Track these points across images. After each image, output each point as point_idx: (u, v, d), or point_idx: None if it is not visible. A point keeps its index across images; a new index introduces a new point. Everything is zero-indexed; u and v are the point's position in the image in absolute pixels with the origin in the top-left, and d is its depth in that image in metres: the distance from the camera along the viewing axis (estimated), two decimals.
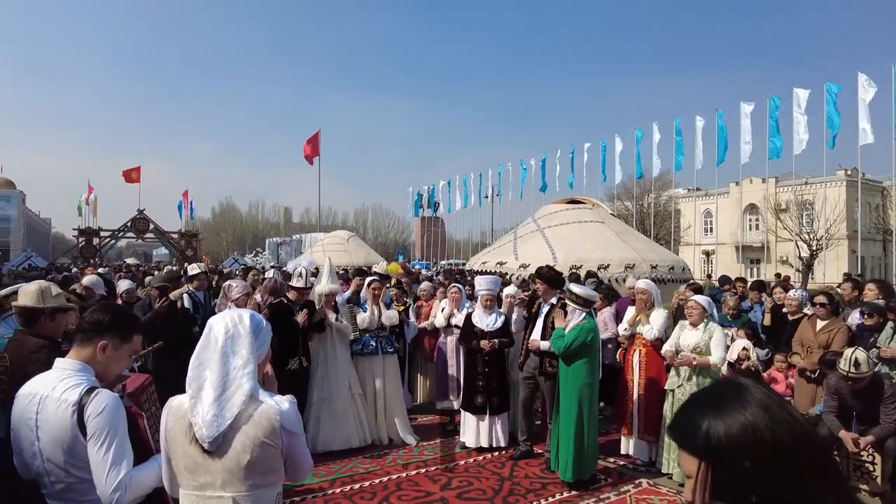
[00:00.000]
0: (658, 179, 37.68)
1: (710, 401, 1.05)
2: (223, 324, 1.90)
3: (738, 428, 0.98)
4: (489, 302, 6.12)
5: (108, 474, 2.03)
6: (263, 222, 76.26)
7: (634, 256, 11.25)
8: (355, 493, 4.92)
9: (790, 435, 0.99)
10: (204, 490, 1.81)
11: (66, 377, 2.16)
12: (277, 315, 5.72)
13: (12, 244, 56.43)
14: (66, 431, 2.10)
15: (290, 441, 1.89)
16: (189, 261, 29.62)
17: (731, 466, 0.98)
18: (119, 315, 2.34)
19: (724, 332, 5.52)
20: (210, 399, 1.79)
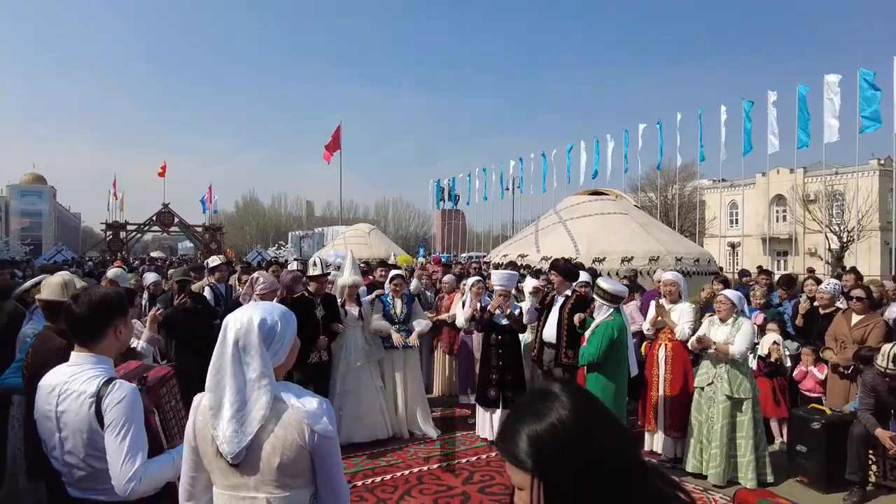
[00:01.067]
0: (682, 170, 37.05)
1: (524, 411, 1.07)
2: (234, 329, 1.78)
3: (549, 427, 1.01)
4: (504, 298, 6.04)
5: (122, 464, 2.07)
6: (286, 216, 76.94)
7: (659, 248, 11.07)
8: (377, 487, 4.91)
9: (602, 424, 1.05)
10: (237, 490, 1.76)
11: (84, 370, 2.21)
12: (298, 309, 5.72)
13: (44, 238, 57.82)
14: (85, 423, 2.15)
15: (323, 446, 1.76)
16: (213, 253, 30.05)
17: (556, 469, 1.00)
18: (112, 297, 2.36)
19: (753, 325, 5.33)
20: (229, 414, 1.72)
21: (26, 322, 4.13)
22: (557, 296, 5.81)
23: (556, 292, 5.83)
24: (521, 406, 1.10)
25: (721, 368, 5.05)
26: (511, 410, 1.12)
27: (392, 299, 6.37)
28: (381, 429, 5.99)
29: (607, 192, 14.74)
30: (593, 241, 11.18)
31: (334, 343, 5.97)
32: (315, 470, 1.79)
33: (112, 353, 2.35)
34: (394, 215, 74.75)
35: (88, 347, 2.27)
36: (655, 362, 5.83)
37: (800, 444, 5.14)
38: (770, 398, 6.06)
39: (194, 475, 1.88)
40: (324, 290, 6.04)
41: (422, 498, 4.69)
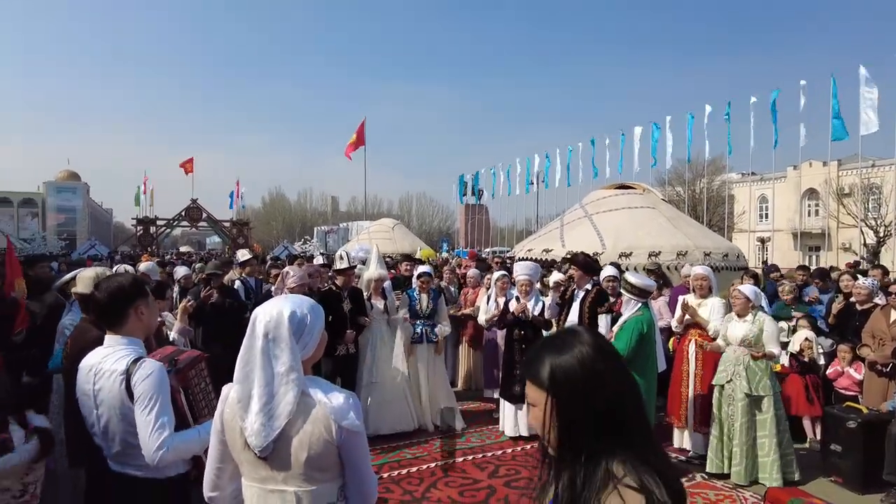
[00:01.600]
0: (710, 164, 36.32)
1: (551, 343, 1.26)
2: (263, 322, 1.78)
3: (572, 360, 1.19)
4: (525, 287, 6.04)
5: (151, 434, 2.21)
6: (311, 211, 77.65)
7: (687, 243, 10.86)
8: (403, 479, 4.95)
9: (614, 369, 1.21)
10: (265, 483, 1.78)
11: (115, 350, 2.39)
12: (326, 303, 5.79)
13: (78, 233, 59.33)
14: (117, 399, 2.31)
15: (350, 440, 1.77)
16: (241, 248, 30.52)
17: (570, 398, 1.18)
18: (127, 284, 2.51)
19: (775, 322, 5.20)
20: (257, 408, 1.73)
21: (66, 313, 4.27)
22: (578, 290, 5.78)
23: (577, 286, 5.79)
24: (549, 337, 1.30)
25: (740, 366, 4.94)
26: (538, 345, 1.29)
27: (418, 295, 6.41)
28: (406, 421, 6.04)
29: (634, 186, 14.55)
30: (620, 235, 11.01)
31: (361, 336, 6.03)
32: (343, 463, 1.80)
33: (139, 334, 2.51)
34: (417, 210, 74.94)
35: (116, 331, 2.44)
36: (685, 358, 5.75)
37: (834, 443, 5.02)
38: (802, 396, 5.93)
39: (221, 466, 1.91)
40: (350, 283, 6.10)
41: (447, 491, 4.71)
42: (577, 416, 1.17)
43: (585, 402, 1.16)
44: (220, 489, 1.93)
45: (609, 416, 1.16)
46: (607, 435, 1.16)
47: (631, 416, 1.19)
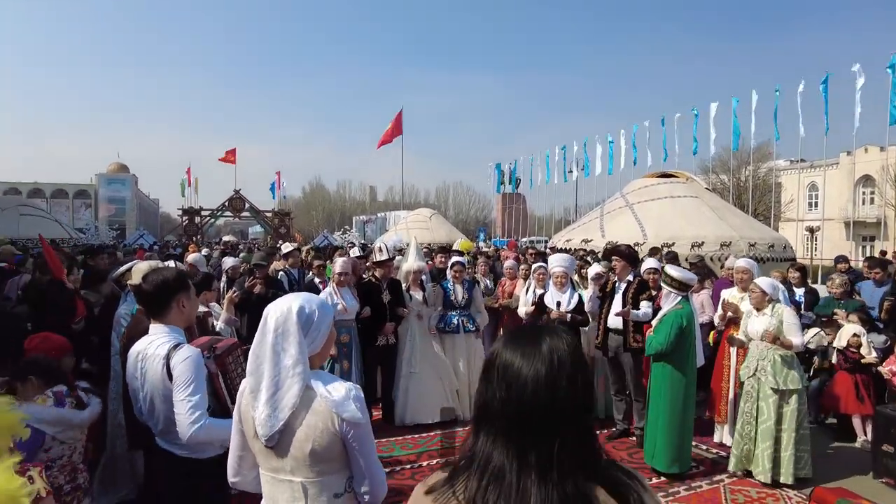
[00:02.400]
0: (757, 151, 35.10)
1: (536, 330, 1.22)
2: (274, 317, 1.84)
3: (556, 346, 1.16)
4: (561, 280, 5.99)
5: (186, 412, 2.42)
6: (350, 201, 78.61)
7: (731, 234, 10.62)
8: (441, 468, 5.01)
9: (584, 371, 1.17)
10: (276, 473, 1.86)
11: (158, 337, 2.63)
12: (366, 294, 5.91)
13: (128, 223, 61.64)
14: (160, 380, 2.54)
15: (352, 431, 1.81)
16: (283, 238, 31.14)
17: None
18: (170, 278, 2.74)
19: (794, 312, 5.03)
20: (264, 398, 1.80)
21: (122, 302, 4.48)
22: (619, 281, 5.72)
23: (618, 278, 5.74)
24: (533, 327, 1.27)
25: (764, 360, 4.80)
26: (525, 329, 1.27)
27: (453, 286, 6.45)
28: (445, 410, 6.10)
29: (677, 175, 14.24)
30: (662, 225, 10.83)
31: (400, 326, 6.12)
32: (348, 455, 1.85)
33: (180, 324, 2.75)
34: (454, 199, 74.97)
35: (160, 319, 2.69)
36: (727, 353, 5.66)
37: (886, 443, 4.85)
38: (852, 393, 5.76)
39: (241, 454, 2.01)
40: (389, 274, 6.19)
41: None
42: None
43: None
44: (242, 475, 2.04)
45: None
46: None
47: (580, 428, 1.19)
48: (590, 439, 1.14)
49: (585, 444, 1.12)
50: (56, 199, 62.87)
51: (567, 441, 1.08)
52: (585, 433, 1.13)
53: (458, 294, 6.39)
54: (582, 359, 1.17)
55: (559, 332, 1.18)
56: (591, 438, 1.14)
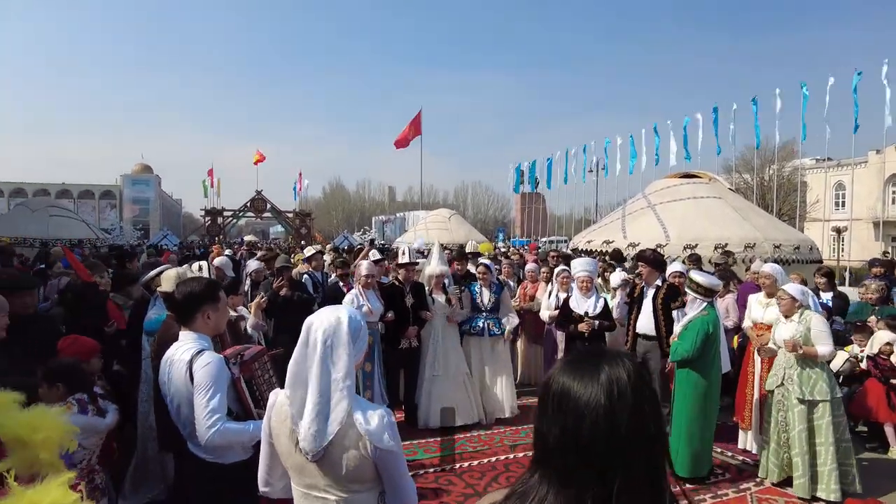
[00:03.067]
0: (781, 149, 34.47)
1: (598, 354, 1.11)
2: (322, 328, 1.83)
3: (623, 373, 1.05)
4: (586, 284, 5.96)
5: (204, 416, 2.48)
6: (369, 201, 79.01)
7: (755, 235, 10.45)
8: (465, 472, 5.05)
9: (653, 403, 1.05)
10: (310, 490, 1.87)
11: (185, 343, 2.72)
12: (390, 297, 5.95)
13: (151, 224, 62.64)
14: (183, 385, 2.61)
15: (385, 458, 1.82)
16: (303, 238, 31.40)
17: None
18: (198, 291, 2.80)
19: (824, 319, 4.88)
20: (312, 414, 1.78)
21: (151, 306, 4.57)
22: (647, 287, 5.69)
23: (646, 283, 5.71)
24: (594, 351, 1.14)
25: (791, 369, 4.67)
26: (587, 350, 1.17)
27: (480, 288, 6.45)
28: (468, 414, 6.13)
29: (699, 175, 14.05)
30: (685, 226, 10.69)
31: (423, 330, 6.15)
32: (380, 475, 1.87)
33: (207, 333, 2.82)
34: (473, 199, 74.93)
35: (188, 327, 2.78)
36: (751, 359, 5.59)
37: None
38: (883, 402, 5.64)
39: (270, 465, 2.03)
40: (412, 278, 6.22)
41: (509, 486, 4.75)
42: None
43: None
44: (272, 485, 2.06)
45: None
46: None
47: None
48: (656, 480, 1.02)
49: (650, 485, 1.01)
50: (83, 199, 64.13)
51: (630, 481, 0.98)
52: (651, 473, 1.01)
53: (484, 297, 6.39)
54: (647, 389, 1.05)
55: (621, 359, 1.07)
56: (657, 479, 1.02)
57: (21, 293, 3.91)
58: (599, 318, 5.82)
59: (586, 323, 5.74)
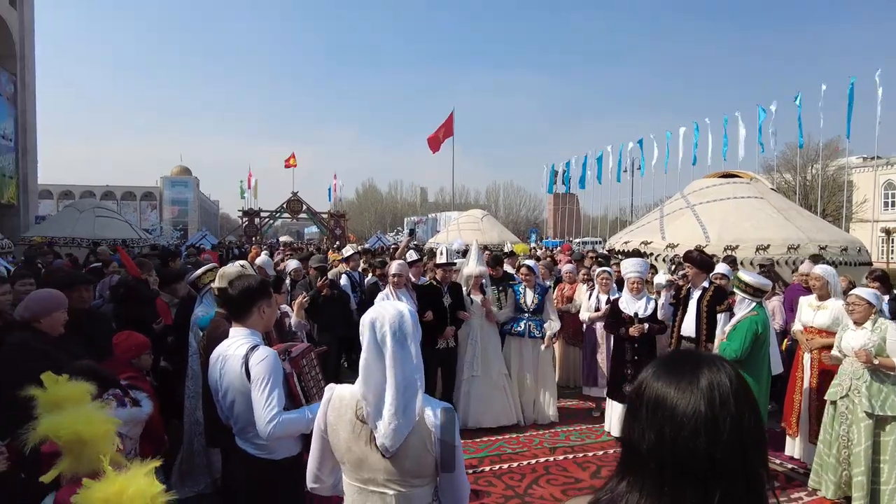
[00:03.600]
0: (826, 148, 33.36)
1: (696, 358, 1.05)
2: (388, 322, 1.84)
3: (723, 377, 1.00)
4: (636, 285, 5.86)
5: (263, 410, 2.51)
6: (402, 202, 79.48)
7: (799, 236, 10.13)
8: (504, 473, 5.02)
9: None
10: (367, 484, 1.88)
11: (238, 339, 2.75)
12: (427, 297, 5.96)
13: (190, 224, 64.30)
14: (239, 380, 2.63)
15: (446, 452, 1.84)
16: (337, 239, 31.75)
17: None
18: (254, 286, 2.86)
19: None
20: (392, 409, 1.78)
21: (198, 304, 4.68)
22: (693, 289, 5.56)
23: (692, 285, 5.58)
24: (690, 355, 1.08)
25: (860, 381, 4.36)
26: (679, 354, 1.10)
27: (524, 289, 6.40)
28: (506, 415, 6.10)
29: (740, 175, 13.71)
30: (725, 227, 10.43)
31: (461, 330, 6.15)
32: (438, 471, 1.87)
33: (260, 328, 2.85)
34: (504, 200, 74.65)
35: (241, 323, 2.80)
36: (800, 364, 5.41)
37: None
38: None
39: (321, 460, 2.04)
40: (450, 279, 6.22)
41: (550, 488, 4.73)
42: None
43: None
44: (321, 482, 2.07)
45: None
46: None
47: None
48: (758, 490, 0.97)
49: (752, 495, 0.95)
50: (125, 200, 66.20)
51: (731, 491, 0.92)
52: (753, 482, 0.96)
53: (528, 298, 6.34)
54: (749, 396, 1.00)
55: (720, 364, 1.01)
56: (759, 489, 0.97)
57: (78, 288, 4.05)
58: (649, 320, 5.73)
59: (636, 327, 5.66)
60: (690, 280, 5.60)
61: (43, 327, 3.37)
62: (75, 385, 2.04)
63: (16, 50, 23.25)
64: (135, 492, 1.39)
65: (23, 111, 23.92)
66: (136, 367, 3.96)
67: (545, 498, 4.56)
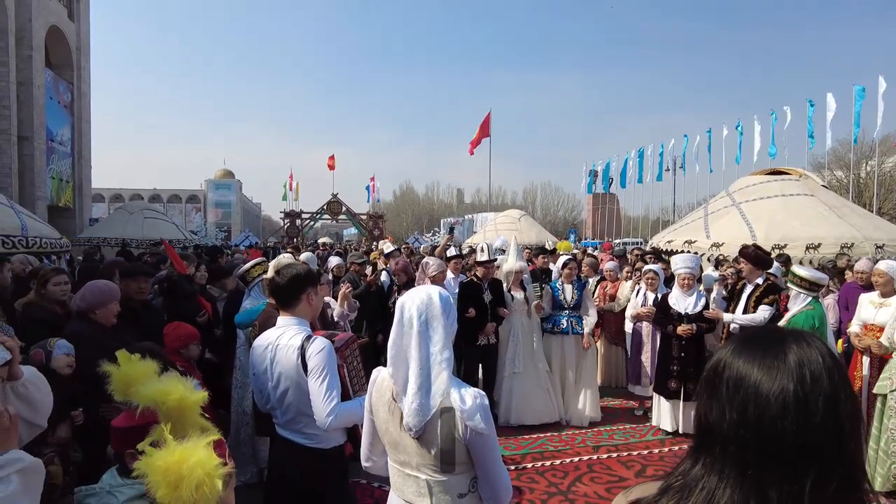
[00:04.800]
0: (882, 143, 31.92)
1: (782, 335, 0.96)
2: (415, 305, 1.88)
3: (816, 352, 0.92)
4: (687, 282, 5.76)
5: (323, 401, 2.51)
6: (438, 203, 79.73)
7: (853, 234, 9.70)
8: (547, 471, 4.97)
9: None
10: (403, 467, 1.90)
11: (289, 329, 2.72)
12: (468, 293, 5.97)
13: (233, 226, 66.04)
14: (293, 369, 2.62)
15: (476, 440, 1.82)
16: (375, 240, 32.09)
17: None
18: (302, 273, 2.88)
19: None
20: (414, 388, 1.81)
21: (245, 297, 4.80)
22: (748, 284, 5.45)
23: (746, 281, 5.48)
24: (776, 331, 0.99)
25: None
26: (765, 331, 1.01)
27: (562, 285, 6.35)
28: (549, 412, 6.04)
29: (789, 172, 13.26)
30: (772, 225, 10.09)
31: (502, 327, 6.12)
32: (472, 460, 1.86)
33: (308, 317, 2.85)
34: (542, 200, 74.05)
35: (289, 312, 2.79)
36: (859, 363, 5.19)
37: None
38: None
39: (372, 440, 2.08)
40: (490, 275, 6.21)
41: (594, 486, 4.66)
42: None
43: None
44: (373, 461, 2.12)
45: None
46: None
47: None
48: (856, 479, 0.87)
49: (850, 484, 0.86)
50: (171, 203, 68.41)
51: (823, 482, 0.84)
52: (852, 479, 0.87)
53: (567, 294, 6.29)
54: (843, 375, 0.90)
55: (809, 339, 0.93)
56: (857, 478, 0.88)
57: (137, 278, 4.22)
58: (697, 318, 5.65)
59: (684, 328, 5.60)
60: (745, 276, 5.49)
61: (98, 318, 3.51)
62: (146, 363, 2.12)
63: (73, 60, 24.32)
64: (195, 462, 1.43)
65: (78, 118, 24.98)
66: (185, 356, 4.10)
67: (589, 496, 4.50)
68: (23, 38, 19.96)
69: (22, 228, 8.86)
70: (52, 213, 21.97)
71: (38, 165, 20.80)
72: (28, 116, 20.23)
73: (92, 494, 1.85)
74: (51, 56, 23.02)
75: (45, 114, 21.45)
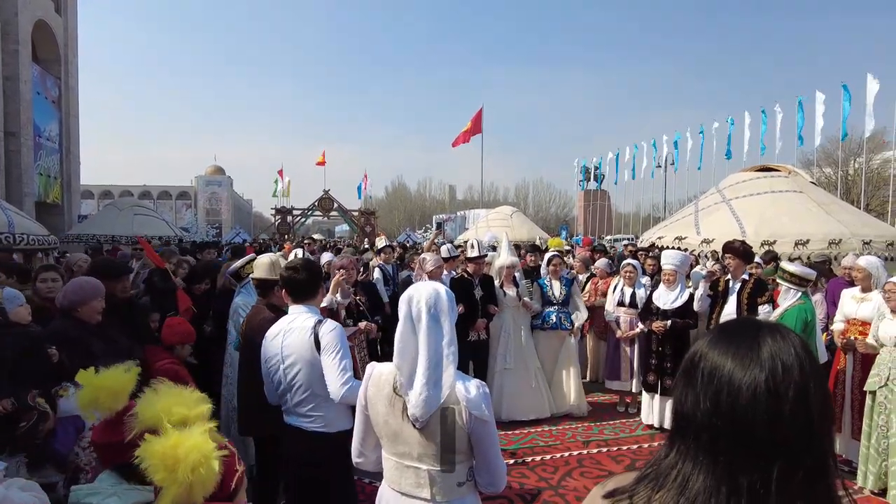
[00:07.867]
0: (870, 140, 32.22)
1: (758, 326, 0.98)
2: (424, 299, 1.90)
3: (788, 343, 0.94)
4: (670, 277, 5.81)
5: (337, 374, 2.70)
6: (430, 200, 79.66)
7: (841, 231, 9.79)
8: (538, 466, 5.00)
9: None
10: (402, 459, 1.92)
11: (301, 314, 2.95)
12: (459, 289, 5.97)
13: (224, 222, 65.68)
14: (307, 349, 2.81)
15: (479, 428, 1.86)
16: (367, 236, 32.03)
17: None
18: (319, 267, 3.27)
19: None
20: (423, 379, 1.83)
21: (237, 294, 4.78)
22: (734, 280, 5.48)
23: (732, 276, 5.50)
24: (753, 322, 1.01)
25: None
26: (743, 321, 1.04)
27: (549, 281, 6.37)
28: (539, 408, 6.08)
29: (778, 168, 13.38)
30: (762, 221, 10.17)
31: (492, 323, 6.14)
32: (472, 448, 1.90)
33: (318, 305, 3.10)
34: (534, 197, 74.18)
35: (305, 301, 3.00)
36: (842, 357, 5.26)
37: None
38: None
39: (364, 437, 2.10)
40: (481, 271, 6.22)
41: (583, 481, 4.69)
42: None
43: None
44: (365, 457, 2.13)
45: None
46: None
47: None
48: (825, 470, 0.89)
49: (818, 475, 0.88)
50: (161, 200, 67.97)
51: (792, 469, 0.86)
52: (820, 460, 0.88)
53: (555, 290, 6.32)
54: (814, 365, 0.92)
55: (782, 331, 0.95)
56: (825, 469, 0.89)
57: (119, 278, 4.18)
58: (678, 314, 5.68)
59: (657, 324, 5.70)
60: (731, 271, 5.52)
61: (81, 315, 3.46)
62: (116, 378, 1.97)
63: (60, 55, 24.06)
64: (191, 445, 1.45)
65: (66, 114, 24.74)
66: (177, 354, 4.08)
67: (579, 490, 4.53)
68: (9, 33, 19.74)
69: (9, 225, 8.77)
70: (39, 209, 21.77)
71: (25, 161, 20.60)
72: (15, 112, 20.01)
73: (94, 493, 1.84)
74: (38, 51, 22.77)
75: (32, 109, 21.24)
